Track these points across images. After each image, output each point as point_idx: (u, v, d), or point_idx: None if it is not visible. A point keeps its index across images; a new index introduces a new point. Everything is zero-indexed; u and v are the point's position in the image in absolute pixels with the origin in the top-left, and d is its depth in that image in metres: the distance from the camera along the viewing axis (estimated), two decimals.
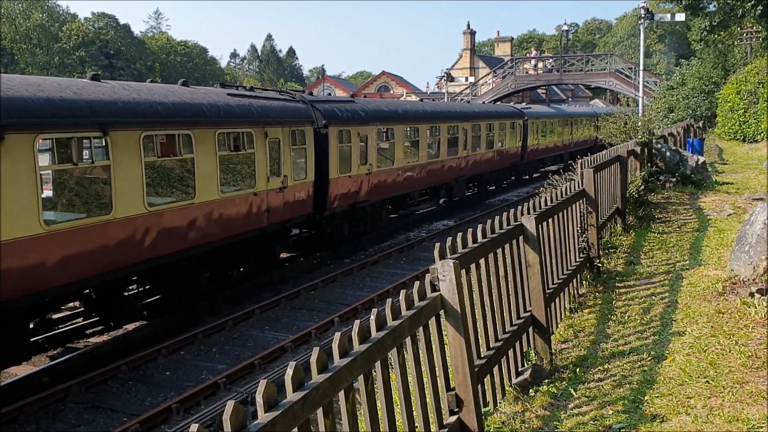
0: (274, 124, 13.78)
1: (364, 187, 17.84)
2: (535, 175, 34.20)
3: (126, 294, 11.68)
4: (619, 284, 8.15)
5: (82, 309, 11.71)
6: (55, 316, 11.35)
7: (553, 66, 50.24)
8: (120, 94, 10.40)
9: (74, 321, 11.81)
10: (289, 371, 2.73)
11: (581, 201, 8.13)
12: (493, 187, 29.52)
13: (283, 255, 16.49)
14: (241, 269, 14.27)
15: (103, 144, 9.74)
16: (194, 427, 2.27)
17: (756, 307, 6.25)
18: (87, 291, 10.85)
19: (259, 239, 13.83)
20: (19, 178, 8.36)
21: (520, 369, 5.48)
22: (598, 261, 8.47)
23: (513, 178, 31.71)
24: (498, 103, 42.15)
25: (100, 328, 11.72)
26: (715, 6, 33.57)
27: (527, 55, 65.76)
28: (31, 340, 10.04)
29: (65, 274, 9.10)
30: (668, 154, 17.14)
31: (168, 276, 11.81)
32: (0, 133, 8.06)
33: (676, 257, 9.30)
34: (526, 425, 4.71)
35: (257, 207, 13.26)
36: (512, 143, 29.20)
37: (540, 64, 52.91)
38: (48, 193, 9.34)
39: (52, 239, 8.82)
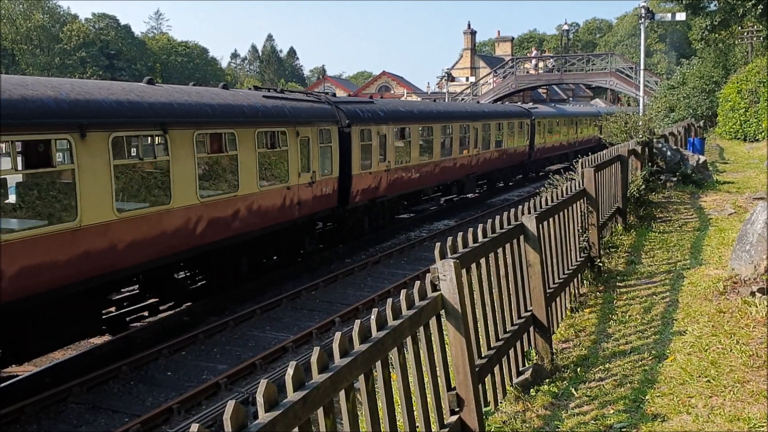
0: (305, 123, 14.94)
1: (383, 183, 18.83)
2: (540, 173, 34.51)
3: (177, 277, 12.83)
4: (620, 284, 8.14)
5: (138, 291, 12.72)
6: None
7: (554, 66, 50.24)
8: (174, 96, 11.60)
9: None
10: (290, 371, 2.74)
11: (582, 200, 8.13)
12: (502, 185, 30.70)
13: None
14: (275, 258, 15.34)
15: (163, 141, 10.93)
16: (195, 426, 2.27)
17: (757, 306, 6.24)
18: (140, 275, 11.61)
19: (290, 230, 14.97)
20: (97, 170, 9.55)
21: (521, 368, 5.47)
22: (599, 260, 8.46)
23: (521, 176, 32.50)
24: (506, 103, 42.65)
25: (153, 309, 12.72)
26: (715, 5, 33.53)
27: (528, 54, 65.75)
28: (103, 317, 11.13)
29: (133, 256, 10.28)
30: (669, 153, 17.12)
31: (213, 262, 12.88)
32: (82, 131, 9.24)
33: (677, 256, 9.29)
34: (527, 425, 4.70)
35: (290, 200, 14.41)
36: (520, 142, 30.31)
37: (541, 64, 52.89)
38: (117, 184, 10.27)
39: (122, 225, 10.00)
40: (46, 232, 8.78)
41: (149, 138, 10.94)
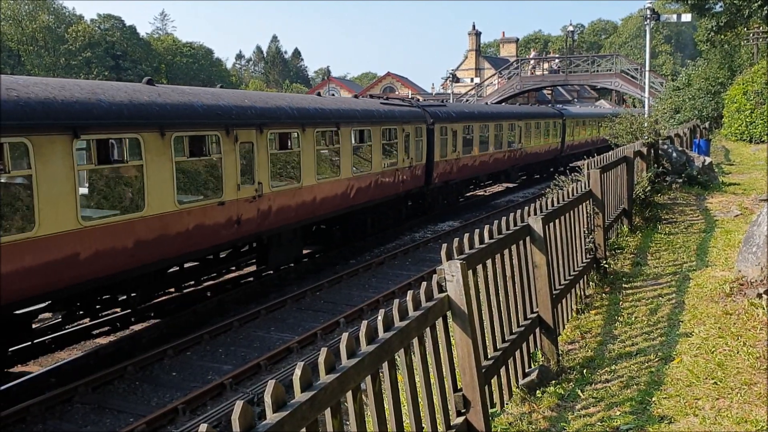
0: (407, 122, 20.07)
1: (454, 169, 23.49)
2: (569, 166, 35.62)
3: (330, 229, 17.85)
4: (625, 285, 8.12)
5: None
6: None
7: (559, 67, 50.15)
8: (338, 104, 17.21)
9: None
10: (297, 371, 2.74)
11: (588, 202, 8.12)
12: (538, 176, 35.12)
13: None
14: (382, 221, 20.02)
15: (336, 135, 16.16)
16: (203, 426, 2.27)
17: (764, 308, 6.22)
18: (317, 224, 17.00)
19: (395, 201, 20.18)
20: (309, 152, 14.91)
21: (527, 370, 5.47)
22: (604, 262, 8.44)
23: (553, 168, 35.69)
24: (539, 105, 46.15)
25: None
26: (721, 6, 33.41)
27: (528, 56, 65.65)
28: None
29: (323, 208, 15.59)
30: (674, 154, 17.07)
31: (351, 220, 17.92)
32: (303, 128, 14.62)
33: (683, 258, 9.26)
34: (533, 426, 4.70)
35: (397, 178, 19.53)
36: (554, 139, 34.82)
37: (545, 65, 52.77)
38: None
39: (319, 188, 15.38)
40: (287, 188, 14.20)
41: (330, 132, 15.92)
